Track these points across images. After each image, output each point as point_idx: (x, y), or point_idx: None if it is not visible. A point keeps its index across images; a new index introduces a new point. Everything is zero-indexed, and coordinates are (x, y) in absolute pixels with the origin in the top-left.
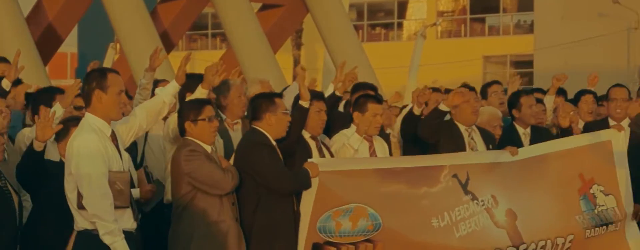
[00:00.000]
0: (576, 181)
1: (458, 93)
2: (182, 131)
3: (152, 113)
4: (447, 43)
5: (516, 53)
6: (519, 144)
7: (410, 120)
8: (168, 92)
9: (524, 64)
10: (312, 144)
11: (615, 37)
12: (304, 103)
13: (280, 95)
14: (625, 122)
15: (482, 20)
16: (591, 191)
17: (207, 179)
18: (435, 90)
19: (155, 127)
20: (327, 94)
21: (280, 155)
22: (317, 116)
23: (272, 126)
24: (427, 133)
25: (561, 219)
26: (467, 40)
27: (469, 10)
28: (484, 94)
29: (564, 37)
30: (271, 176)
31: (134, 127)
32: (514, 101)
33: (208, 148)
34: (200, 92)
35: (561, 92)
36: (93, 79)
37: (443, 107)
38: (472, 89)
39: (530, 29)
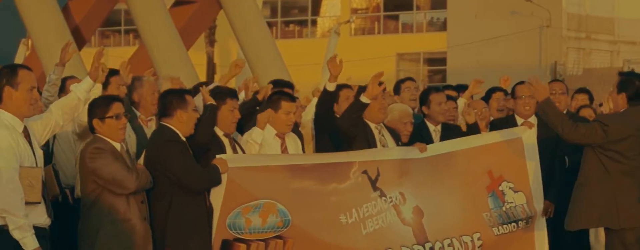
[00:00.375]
0: (485, 178)
1: (375, 81)
2: (91, 128)
3: (68, 110)
4: (360, 40)
5: (429, 50)
6: (430, 141)
7: (325, 100)
8: (83, 89)
9: (437, 62)
10: (225, 141)
11: (527, 35)
12: (212, 101)
13: (190, 91)
14: (534, 119)
15: (396, 18)
16: (500, 188)
17: (110, 178)
18: (346, 86)
19: None
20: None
21: (191, 152)
22: (230, 114)
23: (183, 123)
24: (346, 125)
25: (467, 217)
26: (380, 38)
27: (382, 7)
28: (396, 90)
29: (476, 34)
30: (183, 173)
31: (50, 124)
32: (423, 98)
33: (117, 145)
34: (87, 82)
35: (464, 88)
36: (3, 75)
37: (364, 99)
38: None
39: (443, 26)
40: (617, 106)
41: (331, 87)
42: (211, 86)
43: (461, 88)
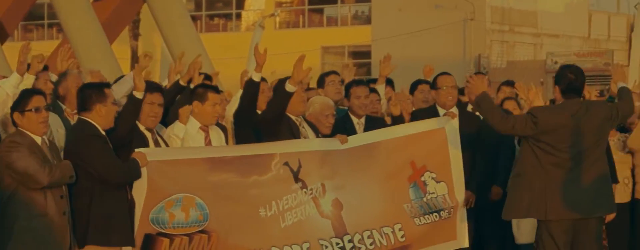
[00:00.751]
0: (407, 169)
1: (299, 65)
2: (13, 122)
3: None
4: (285, 34)
5: (354, 44)
6: (353, 134)
7: (250, 92)
8: (11, 84)
9: (361, 55)
10: (148, 135)
11: (451, 28)
12: (138, 94)
13: (108, 85)
14: (455, 110)
15: (320, 11)
16: (422, 179)
17: (23, 172)
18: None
19: None
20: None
21: (111, 146)
22: (149, 108)
23: (102, 117)
24: (271, 117)
25: (388, 208)
26: (305, 31)
27: (307, 1)
28: (321, 83)
29: (401, 28)
30: (103, 168)
31: None
32: (345, 91)
33: (38, 139)
34: (15, 77)
35: (389, 82)
36: None
37: (289, 87)
38: None
39: (367, 20)
40: (557, 99)
41: (257, 77)
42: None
43: (387, 82)
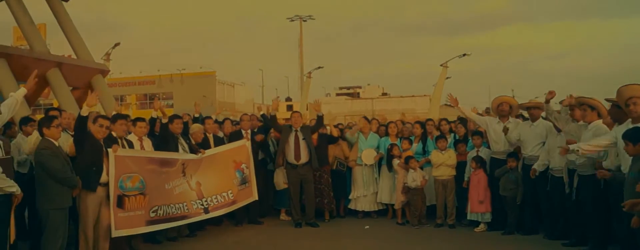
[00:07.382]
0: (232, 163)
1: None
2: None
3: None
4: None
5: None
6: (207, 147)
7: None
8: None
9: None
10: (119, 141)
11: None
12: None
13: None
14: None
15: None
16: (241, 167)
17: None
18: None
19: None
20: None
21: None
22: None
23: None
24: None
25: (225, 183)
26: None
27: None
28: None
29: None
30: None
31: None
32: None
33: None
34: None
35: None
36: None
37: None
38: None
39: None
40: None
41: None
42: None
43: None
